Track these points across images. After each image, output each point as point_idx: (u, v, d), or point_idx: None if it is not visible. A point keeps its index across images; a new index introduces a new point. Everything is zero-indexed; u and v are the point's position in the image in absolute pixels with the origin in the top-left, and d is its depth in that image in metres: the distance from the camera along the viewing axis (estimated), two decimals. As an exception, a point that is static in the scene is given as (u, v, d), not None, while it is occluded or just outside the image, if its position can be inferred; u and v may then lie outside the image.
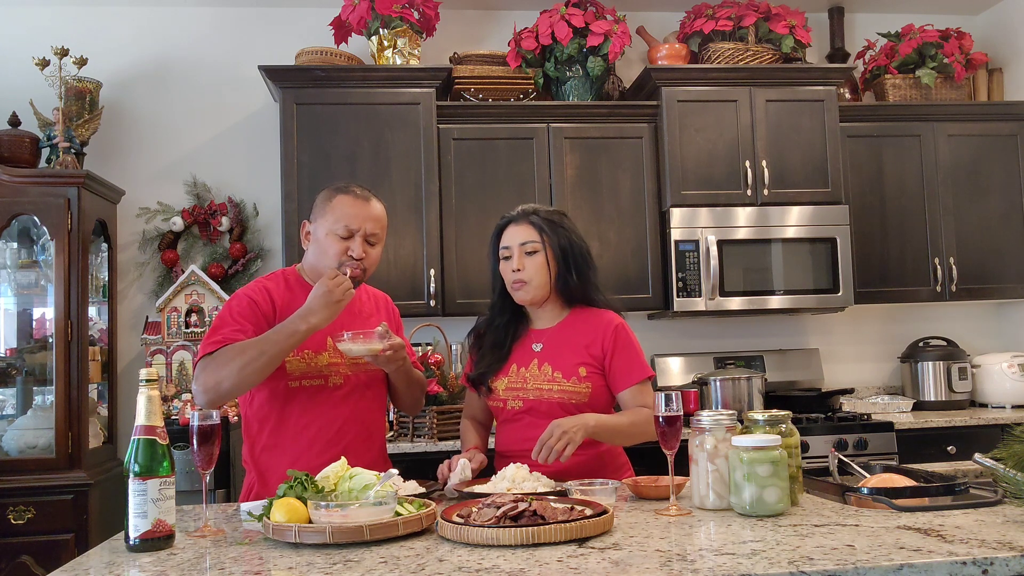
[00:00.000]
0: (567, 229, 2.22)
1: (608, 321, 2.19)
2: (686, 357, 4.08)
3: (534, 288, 2.17)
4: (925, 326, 4.29)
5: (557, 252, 2.17)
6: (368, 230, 2.13)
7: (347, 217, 2.11)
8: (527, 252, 2.17)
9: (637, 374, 2.16)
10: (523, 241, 2.18)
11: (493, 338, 2.26)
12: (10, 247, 3.56)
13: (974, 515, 1.61)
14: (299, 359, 2.10)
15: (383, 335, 2.06)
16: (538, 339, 2.22)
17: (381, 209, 2.19)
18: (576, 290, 2.20)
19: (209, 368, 1.99)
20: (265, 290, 2.14)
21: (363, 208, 2.13)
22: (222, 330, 2.05)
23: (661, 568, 1.32)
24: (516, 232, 2.20)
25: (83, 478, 3.26)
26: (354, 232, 2.11)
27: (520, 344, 2.23)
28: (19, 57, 3.73)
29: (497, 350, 2.24)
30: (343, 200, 2.13)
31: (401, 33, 3.73)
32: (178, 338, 3.58)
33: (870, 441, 3.50)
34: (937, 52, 4.09)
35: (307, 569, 1.40)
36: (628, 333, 2.20)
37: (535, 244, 2.17)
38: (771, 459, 1.66)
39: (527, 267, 2.16)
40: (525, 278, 2.16)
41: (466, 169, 3.73)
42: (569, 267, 2.18)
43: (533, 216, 2.20)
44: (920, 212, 4.02)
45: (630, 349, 2.18)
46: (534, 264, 2.16)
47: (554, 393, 2.13)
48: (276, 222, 3.89)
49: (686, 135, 3.80)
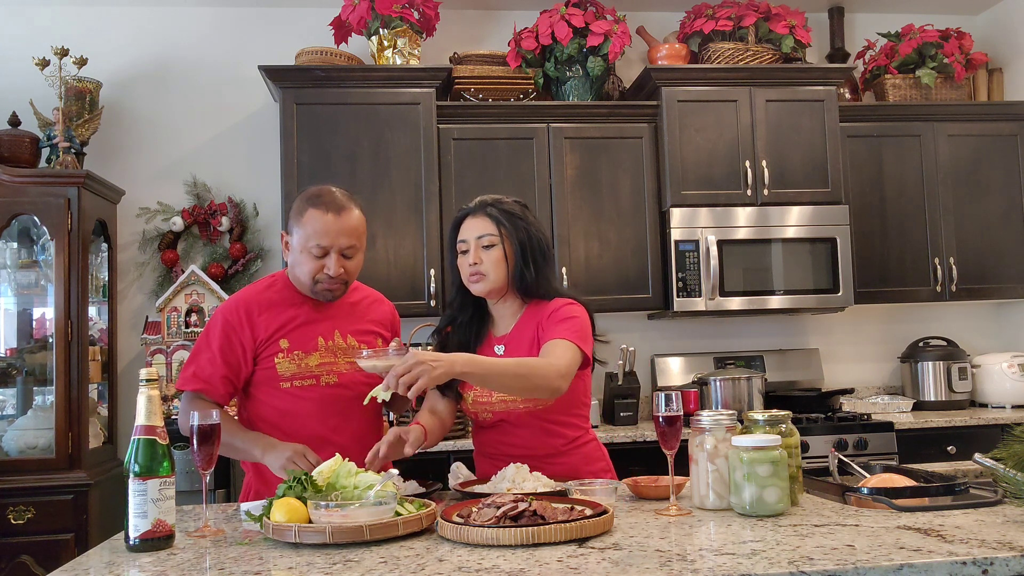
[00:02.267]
0: (526, 221, 2.14)
1: (552, 305, 2.11)
2: (686, 357, 4.08)
3: (491, 282, 2.10)
4: (925, 326, 4.29)
5: (515, 246, 2.10)
6: (342, 246, 2.07)
7: (319, 235, 2.05)
8: (484, 246, 2.10)
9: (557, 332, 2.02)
10: (480, 234, 2.10)
11: (457, 341, 2.19)
12: (10, 247, 3.56)
13: (974, 515, 1.61)
14: (289, 360, 2.10)
15: (400, 350, 2.03)
16: (499, 342, 2.17)
17: (356, 218, 2.11)
18: (532, 284, 2.12)
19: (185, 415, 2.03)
20: (245, 307, 2.12)
21: (335, 223, 2.05)
22: (198, 359, 2.11)
23: (661, 568, 1.32)
24: (473, 225, 2.12)
25: (83, 478, 3.26)
26: (328, 250, 2.07)
27: (482, 350, 2.17)
28: (19, 57, 3.73)
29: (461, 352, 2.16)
30: (314, 216, 2.06)
31: (401, 33, 3.72)
32: (178, 338, 3.58)
33: (870, 441, 3.50)
34: (937, 52, 4.09)
35: (307, 569, 1.40)
36: (569, 309, 2.08)
37: (492, 237, 2.10)
38: (771, 459, 1.66)
39: (484, 261, 2.09)
40: (483, 271, 2.09)
41: (466, 169, 3.73)
42: (527, 261, 2.11)
43: (491, 208, 2.13)
44: (920, 212, 4.02)
45: (564, 318, 2.06)
46: (491, 258, 2.09)
47: (519, 404, 2.06)
48: (276, 222, 3.89)
49: (686, 135, 3.80)
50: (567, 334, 2.02)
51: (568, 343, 2.00)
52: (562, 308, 2.09)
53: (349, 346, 2.17)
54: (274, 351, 2.10)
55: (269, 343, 2.11)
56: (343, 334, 2.17)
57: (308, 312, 2.15)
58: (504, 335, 2.17)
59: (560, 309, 2.09)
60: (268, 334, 2.10)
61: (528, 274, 2.11)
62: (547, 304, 2.12)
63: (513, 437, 2.10)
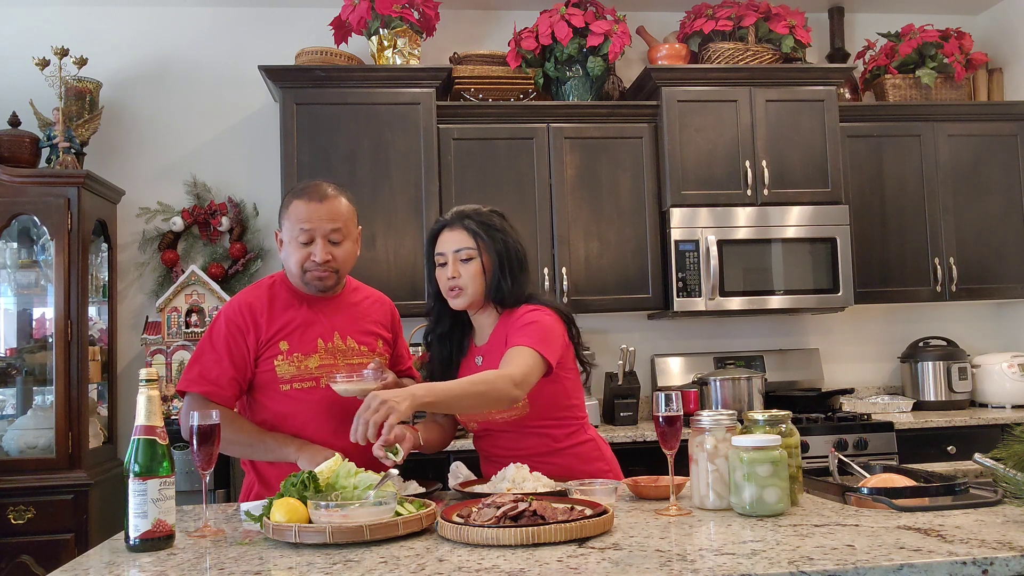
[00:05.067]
0: (503, 232, 2.14)
1: (518, 313, 2.11)
2: (686, 357, 4.08)
3: (469, 295, 2.11)
4: (925, 326, 4.29)
5: (493, 258, 2.10)
6: (326, 230, 2.08)
7: (301, 221, 2.07)
8: (462, 259, 2.10)
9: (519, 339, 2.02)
10: (458, 248, 2.10)
11: (439, 354, 2.22)
12: (10, 247, 3.56)
13: (974, 515, 1.60)
14: (288, 362, 2.10)
15: (377, 371, 2.06)
16: (478, 353, 2.19)
17: (340, 204, 2.11)
18: (508, 295, 2.13)
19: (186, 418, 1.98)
20: (249, 309, 2.12)
21: (316, 210, 2.07)
22: (202, 360, 2.08)
23: (661, 568, 1.32)
24: (451, 238, 2.12)
25: (83, 478, 3.26)
26: (313, 235, 2.07)
27: (466, 361, 2.21)
28: (19, 57, 3.73)
29: (446, 370, 2.21)
30: (297, 205, 2.09)
31: (401, 33, 3.73)
32: (178, 338, 3.58)
33: (870, 441, 3.50)
34: (937, 52, 4.09)
35: (307, 569, 1.40)
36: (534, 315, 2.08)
37: (470, 251, 2.10)
38: (771, 459, 1.66)
39: (462, 274, 2.10)
40: (461, 284, 2.10)
41: (466, 169, 3.73)
42: (504, 272, 2.11)
43: (467, 221, 2.13)
44: (920, 212, 4.02)
45: (526, 328, 2.05)
46: (469, 272, 2.10)
47: (492, 415, 2.09)
48: (276, 222, 3.86)
49: (686, 135, 3.80)
50: (525, 340, 2.02)
51: (526, 349, 1.99)
52: (525, 315, 2.09)
53: (349, 348, 2.17)
54: (274, 353, 2.10)
55: (269, 345, 2.10)
56: (343, 336, 2.17)
57: (307, 313, 2.15)
58: (483, 345, 2.19)
59: (523, 316, 2.09)
60: (269, 336, 2.10)
61: (505, 285, 2.11)
62: (515, 312, 2.13)
63: (503, 441, 2.14)
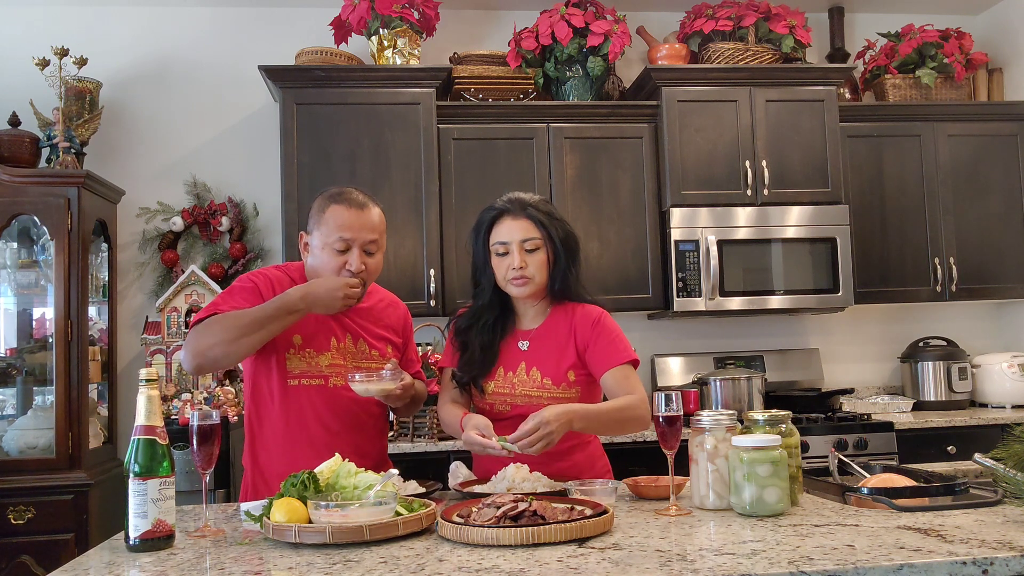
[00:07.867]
0: (561, 220, 2.15)
1: (588, 313, 2.13)
2: (686, 357, 4.08)
3: (536, 284, 2.11)
4: (925, 326, 4.29)
5: (558, 247, 2.11)
6: (365, 240, 2.07)
7: (341, 229, 2.04)
8: (528, 249, 2.09)
9: (618, 357, 2.07)
10: (524, 238, 2.09)
11: (481, 339, 2.17)
12: (10, 247, 3.56)
13: (974, 515, 1.61)
14: (299, 357, 2.09)
15: (395, 372, 2.04)
16: (524, 337, 2.17)
17: (378, 215, 2.11)
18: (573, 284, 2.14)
19: (202, 334, 1.96)
20: (269, 279, 2.12)
21: (358, 218, 2.06)
22: (221, 305, 2.03)
23: (661, 568, 1.32)
24: (515, 227, 2.10)
25: (83, 478, 3.26)
26: (351, 244, 2.05)
27: (506, 343, 2.17)
28: (19, 57, 3.73)
29: (486, 351, 2.16)
30: (336, 211, 2.06)
31: (401, 33, 3.73)
32: (178, 338, 3.58)
33: (870, 441, 3.50)
34: (937, 52, 4.09)
35: (307, 569, 1.40)
36: (609, 322, 2.13)
37: (536, 241, 2.09)
38: (771, 459, 1.66)
39: (530, 264, 2.08)
40: (528, 274, 2.08)
41: (466, 169, 3.73)
42: (568, 262, 2.13)
43: (531, 210, 2.11)
44: (920, 212, 4.02)
45: (611, 334, 2.10)
46: (536, 261, 2.09)
47: (544, 400, 2.08)
48: (276, 222, 3.89)
49: (686, 135, 3.80)
50: (625, 356, 2.08)
51: (630, 367, 2.08)
52: (601, 320, 2.12)
53: (360, 351, 2.16)
54: (286, 346, 2.09)
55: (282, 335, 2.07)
56: (355, 338, 2.16)
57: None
58: (530, 330, 2.17)
59: (600, 321, 2.12)
60: None
61: (571, 275, 2.13)
62: (575, 307, 2.14)
63: None
